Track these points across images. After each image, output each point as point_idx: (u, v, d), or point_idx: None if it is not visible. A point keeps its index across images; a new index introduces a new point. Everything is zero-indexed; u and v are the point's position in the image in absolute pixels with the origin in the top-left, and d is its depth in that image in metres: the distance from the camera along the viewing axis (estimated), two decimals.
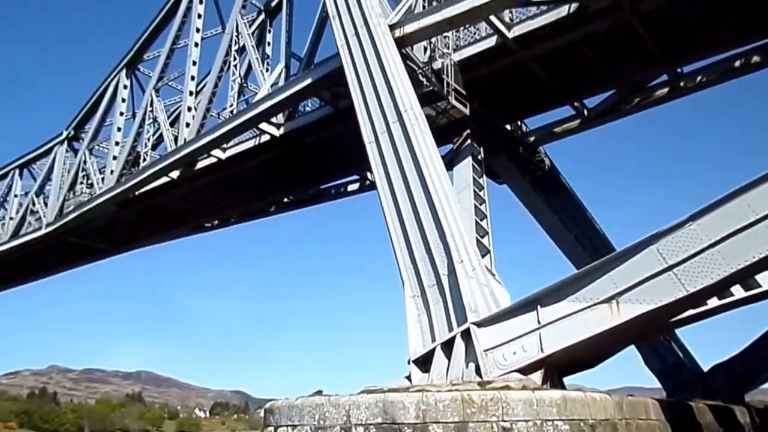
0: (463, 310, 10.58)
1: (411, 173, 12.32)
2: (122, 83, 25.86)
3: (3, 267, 35.01)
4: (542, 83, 16.85)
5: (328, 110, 18.99)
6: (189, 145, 20.65)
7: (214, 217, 28.27)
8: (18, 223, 30.51)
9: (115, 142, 25.43)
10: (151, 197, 24.99)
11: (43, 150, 30.54)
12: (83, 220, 26.57)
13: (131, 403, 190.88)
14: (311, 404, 8.68)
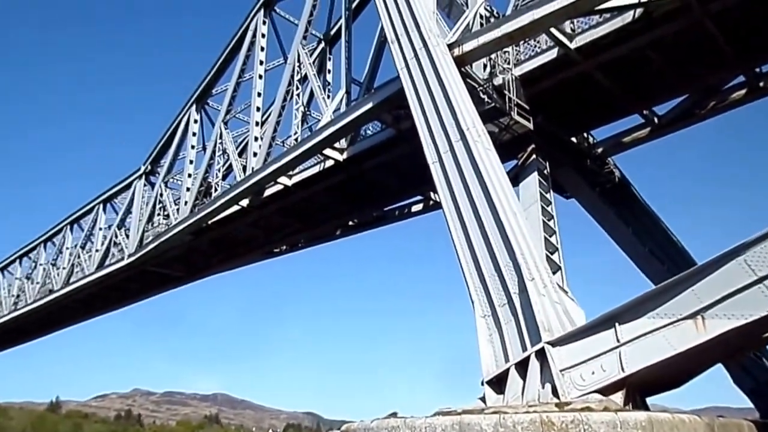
0: (537, 329, 10.25)
1: (476, 191, 12.15)
2: (193, 118, 27.04)
3: (91, 296, 37.01)
4: (608, 92, 16.35)
5: (389, 133, 19.13)
6: (257, 174, 21.24)
7: (282, 243, 28.82)
8: (103, 254, 32.21)
9: (187, 175, 26.52)
10: (222, 225, 25.83)
11: (123, 185, 32.25)
12: (161, 250, 27.75)
13: (209, 425, 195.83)
14: (387, 427, 8.59)
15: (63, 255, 37.93)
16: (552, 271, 12.50)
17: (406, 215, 24.81)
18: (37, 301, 39.61)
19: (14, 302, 43.94)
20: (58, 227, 39.04)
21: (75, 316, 43.55)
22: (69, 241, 37.62)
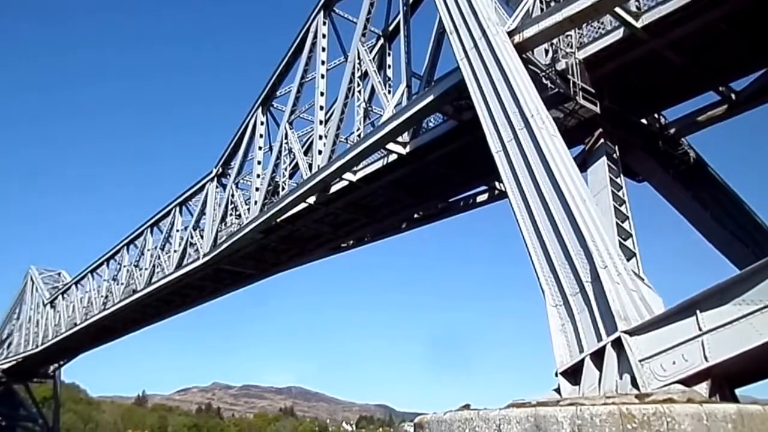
0: (612, 318, 9.90)
1: (543, 179, 11.85)
2: (259, 120, 27.75)
3: (170, 295, 38.76)
4: (680, 70, 15.53)
5: (451, 124, 18.95)
6: (322, 172, 21.57)
7: (349, 237, 29.14)
8: (180, 254, 33.63)
9: (256, 175, 27.27)
10: (291, 223, 26.38)
11: (197, 187, 33.49)
12: (234, 249, 28.67)
13: (284, 418, 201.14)
14: (460, 419, 8.52)
15: (144, 256, 39.89)
16: (626, 257, 12.01)
17: (472, 206, 24.55)
18: (123, 301, 41.80)
19: (103, 302, 46.56)
20: (139, 230, 41.07)
21: (157, 314, 45.73)
22: (149, 243, 39.49)
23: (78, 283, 56.10)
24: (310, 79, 24.30)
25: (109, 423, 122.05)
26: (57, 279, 72.98)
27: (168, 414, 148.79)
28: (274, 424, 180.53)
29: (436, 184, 23.01)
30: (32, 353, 66.23)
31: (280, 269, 33.11)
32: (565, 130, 13.77)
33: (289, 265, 32.44)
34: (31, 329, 68.74)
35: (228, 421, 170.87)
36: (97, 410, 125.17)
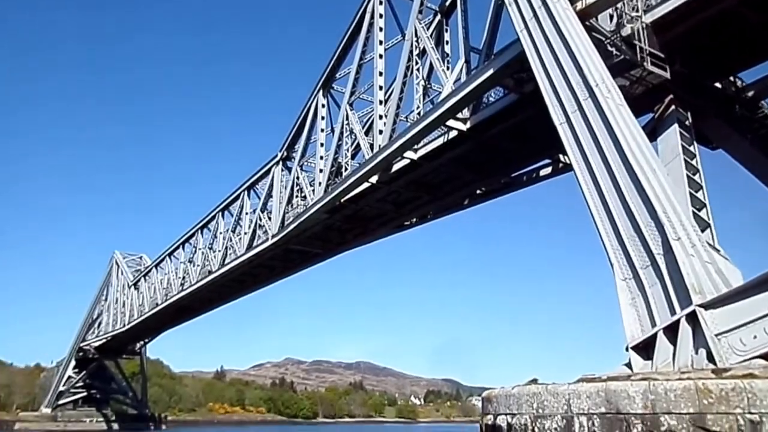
0: (686, 292, 9.47)
1: (609, 149, 11.39)
2: (320, 103, 28.01)
3: (243, 275, 40.09)
4: (758, 28, 14.46)
5: (512, 98, 18.49)
6: (383, 151, 21.58)
7: (412, 215, 29.15)
8: (251, 236, 34.73)
9: (319, 157, 27.64)
10: (354, 202, 26.63)
11: (263, 171, 34.33)
12: (301, 229, 29.29)
13: (354, 392, 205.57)
14: (528, 393, 8.42)
15: (217, 239, 41.45)
16: (700, 228, 11.44)
17: (535, 180, 23.97)
18: (199, 282, 43.70)
19: (181, 283, 48.82)
20: (211, 214, 42.69)
21: (231, 293, 47.50)
22: (221, 226, 40.97)
23: (158, 265, 59.01)
24: (369, 59, 24.25)
25: (191, 396, 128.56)
26: (139, 262, 77.02)
27: (245, 388, 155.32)
28: (345, 398, 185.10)
29: (497, 159, 22.59)
30: (120, 332, 70.45)
31: (345, 248, 33.59)
32: (633, 99, 13.16)
33: (354, 243, 32.84)
34: (118, 309, 73.05)
35: (301, 394, 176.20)
36: (180, 384, 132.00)
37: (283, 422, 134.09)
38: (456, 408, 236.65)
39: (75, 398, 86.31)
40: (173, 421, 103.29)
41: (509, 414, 8.74)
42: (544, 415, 8.08)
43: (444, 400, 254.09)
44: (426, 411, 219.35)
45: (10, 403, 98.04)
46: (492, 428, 9.15)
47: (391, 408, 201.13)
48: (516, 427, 8.51)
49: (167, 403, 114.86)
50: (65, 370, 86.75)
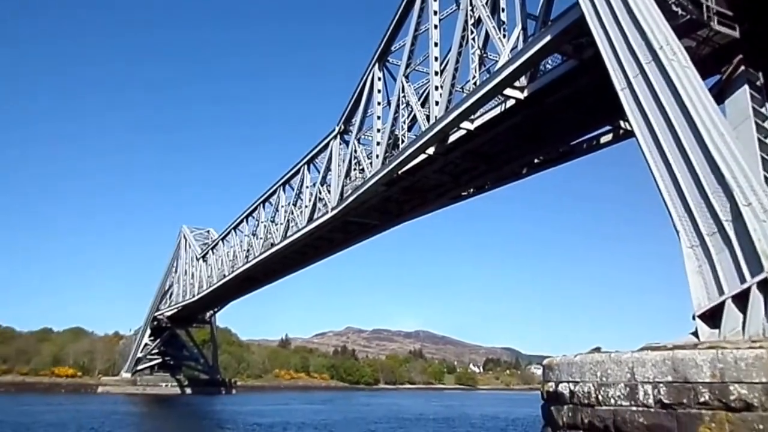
0: (757, 259, 9.14)
1: (674, 113, 10.98)
2: (376, 76, 28.00)
3: (304, 247, 41.08)
4: None
5: (571, 64, 17.96)
6: (440, 122, 21.48)
7: (469, 186, 28.96)
8: (311, 209, 35.47)
9: (376, 130, 27.76)
10: (412, 174, 26.70)
11: (322, 145, 34.81)
12: (359, 201, 29.68)
13: (414, 359, 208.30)
14: (591, 361, 8.42)
15: (279, 213, 42.57)
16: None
17: (595, 147, 23.28)
18: (263, 254, 45.13)
19: (246, 255, 50.56)
20: (273, 189, 43.75)
21: (293, 264, 48.83)
22: (283, 199, 42.02)
23: (224, 239, 61.17)
24: (424, 30, 24.01)
25: (258, 363, 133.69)
26: (206, 236, 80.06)
27: (308, 355, 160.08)
28: (405, 365, 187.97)
29: (556, 127, 22.09)
30: (190, 302, 73.81)
31: (403, 219, 33.82)
32: (698, 60, 12.56)
33: (412, 215, 33.00)
34: (188, 281, 76.42)
35: (362, 362, 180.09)
36: (248, 351, 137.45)
37: (346, 388, 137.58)
38: (515, 376, 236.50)
39: (151, 364, 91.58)
40: (242, 386, 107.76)
41: (571, 382, 8.77)
42: (607, 383, 8.08)
43: (503, 368, 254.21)
44: (485, 379, 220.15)
45: (92, 368, 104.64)
46: (554, 395, 9.21)
47: (450, 375, 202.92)
48: (578, 394, 8.54)
49: (236, 370, 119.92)
50: (142, 337, 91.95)
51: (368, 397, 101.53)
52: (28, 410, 46.16)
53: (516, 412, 62.75)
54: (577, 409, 8.46)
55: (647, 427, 7.54)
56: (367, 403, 77.12)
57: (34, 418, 38.13)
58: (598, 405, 8.07)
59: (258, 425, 36.78)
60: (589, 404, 8.23)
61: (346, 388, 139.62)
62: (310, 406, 63.14)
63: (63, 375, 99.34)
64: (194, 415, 50.78)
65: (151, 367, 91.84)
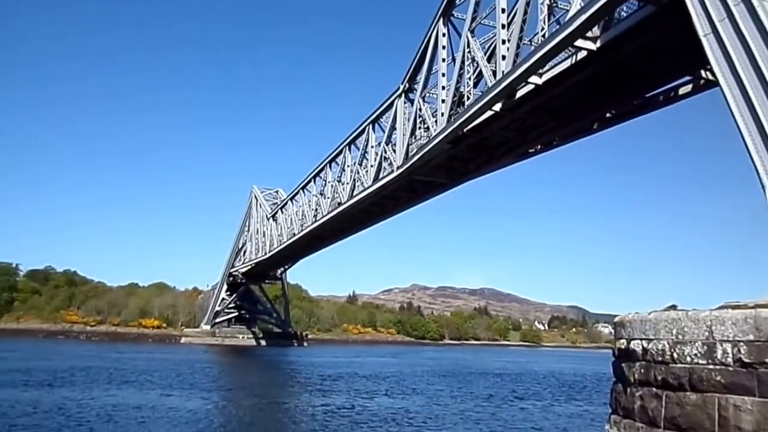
0: None
1: (765, 60, 10.19)
2: (440, 32, 27.33)
3: (370, 206, 41.46)
4: None
5: (648, 10, 16.85)
6: (507, 77, 20.83)
7: (536, 142, 28.13)
8: (376, 169, 35.61)
9: (441, 87, 27.28)
10: (477, 132, 26.21)
11: (386, 105, 34.62)
12: (424, 160, 29.51)
13: (479, 316, 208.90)
14: (667, 319, 8.18)
15: (345, 172, 43.00)
16: None
17: (673, 99, 21.97)
18: (330, 213, 45.97)
19: (314, 215, 51.69)
20: (339, 149, 44.13)
21: (359, 223, 49.51)
22: (349, 160, 42.34)
23: (293, 198, 62.67)
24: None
25: (328, 317, 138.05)
26: (275, 196, 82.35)
27: (375, 311, 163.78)
28: (470, 322, 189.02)
29: (630, 79, 20.97)
30: (262, 259, 76.61)
31: (469, 177, 33.40)
32: None
33: (478, 173, 32.50)
34: (260, 239, 79.19)
35: (427, 318, 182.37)
36: (317, 307, 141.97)
37: (412, 343, 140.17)
38: (581, 334, 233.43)
39: (228, 317, 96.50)
40: (312, 339, 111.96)
41: (644, 339, 8.57)
42: (683, 341, 7.83)
43: (569, 326, 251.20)
44: (550, 336, 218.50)
45: (175, 320, 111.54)
46: (625, 352, 9.04)
47: (515, 332, 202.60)
48: (651, 351, 8.35)
49: (307, 324, 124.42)
50: (219, 292, 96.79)
51: (434, 351, 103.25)
52: (121, 358, 49.93)
53: (584, 369, 62.26)
54: (650, 366, 8.29)
55: (725, 386, 7.30)
56: (434, 357, 78.52)
57: (129, 365, 41.22)
58: (673, 363, 7.87)
59: (330, 376, 38.27)
60: (663, 361, 8.04)
61: (412, 343, 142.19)
62: (379, 359, 64.94)
63: (150, 326, 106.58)
64: (270, 364, 53.36)
65: (228, 320, 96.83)
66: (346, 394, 27.19)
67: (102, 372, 34.22)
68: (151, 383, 29.13)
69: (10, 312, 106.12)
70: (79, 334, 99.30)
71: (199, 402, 22.73)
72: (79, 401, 21.43)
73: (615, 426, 8.85)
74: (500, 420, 21.28)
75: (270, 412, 21.17)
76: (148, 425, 16.76)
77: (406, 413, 21.83)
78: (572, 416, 23.34)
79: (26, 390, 24.36)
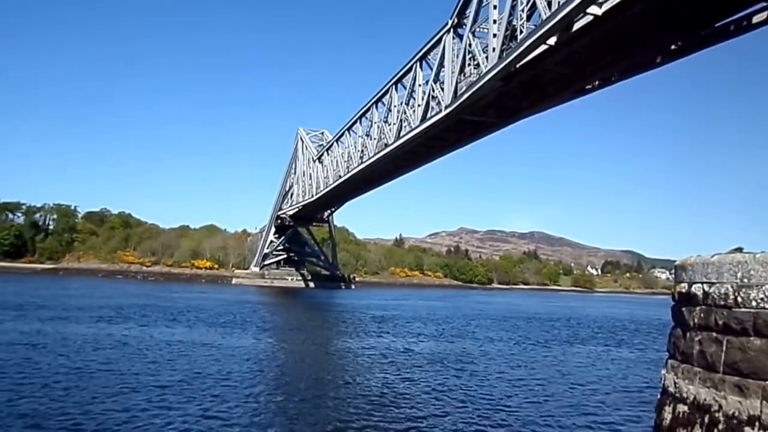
0: None
1: None
2: None
3: (417, 147, 41.17)
4: None
5: None
6: (564, 8, 19.84)
7: (594, 78, 26.95)
8: (424, 108, 35.09)
9: (492, 21, 26.25)
10: (531, 68, 25.30)
11: (434, 41, 33.70)
12: (474, 98, 28.85)
13: (528, 260, 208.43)
14: (732, 261, 7.92)
15: (392, 112, 42.57)
16: None
17: (745, 28, 20.49)
18: (376, 155, 45.92)
19: (360, 156, 51.76)
20: (385, 88, 43.51)
21: (406, 164, 49.42)
22: (395, 99, 41.79)
23: (338, 140, 62.77)
24: None
25: (375, 260, 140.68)
26: (321, 137, 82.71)
27: (422, 254, 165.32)
28: (519, 266, 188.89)
29: (698, 7, 19.64)
30: (309, 202, 77.90)
31: (520, 117, 32.53)
32: None
33: (530, 111, 31.57)
34: (306, 182, 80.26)
35: (475, 261, 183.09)
36: (364, 250, 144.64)
37: (460, 287, 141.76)
38: (636, 279, 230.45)
39: (277, 260, 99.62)
40: (360, 281, 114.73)
41: (706, 282, 8.36)
42: (749, 284, 7.59)
43: (623, 272, 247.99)
44: (603, 281, 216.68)
45: (226, 262, 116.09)
46: (686, 296, 8.87)
47: (566, 277, 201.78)
48: (713, 295, 8.16)
49: (354, 266, 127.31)
50: (267, 235, 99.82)
51: (483, 295, 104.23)
52: (178, 297, 52.53)
53: (639, 314, 61.71)
54: (710, 311, 8.11)
55: None
56: (483, 301, 79.29)
57: (184, 304, 43.37)
58: (736, 307, 7.67)
59: (378, 317, 39.28)
60: (725, 306, 7.84)
61: (460, 286, 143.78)
62: (427, 302, 66.09)
63: (202, 267, 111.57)
64: (318, 305, 55.12)
65: (277, 262, 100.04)
66: (394, 336, 27.92)
67: (160, 311, 36.13)
68: (207, 322, 30.64)
69: (72, 252, 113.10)
70: (137, 274, 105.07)
71: (251, 341, 23.81)
72: (142, 338, 22.81)
73: (672, 371, 8.79)
74: (556, 363, 21.49)
75: (319, 353, 22.01)
76: (202, 363, 17.72)
77: (460, 355, 22.28)
78: (629, 360, 23.36)
79: (94, 325, 26.01)
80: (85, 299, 43.02)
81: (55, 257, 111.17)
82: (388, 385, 15.39)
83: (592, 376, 18.84)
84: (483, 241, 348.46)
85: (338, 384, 15.38)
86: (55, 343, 20.04)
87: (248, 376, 15.86)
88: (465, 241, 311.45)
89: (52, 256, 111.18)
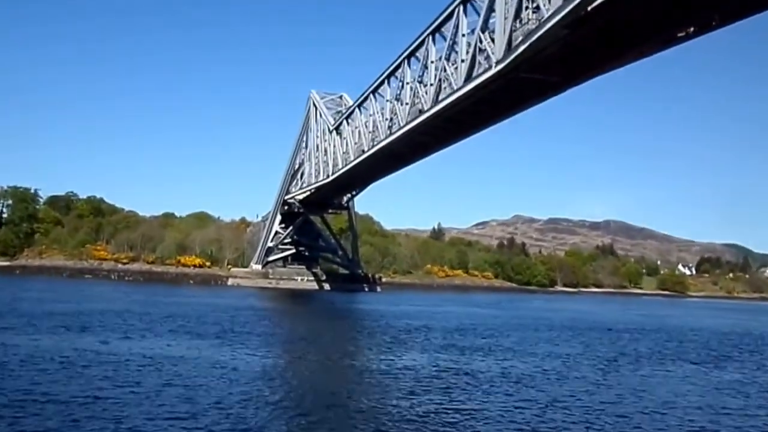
0: None
1: None
2: None
3: (460, 113, 40.83)
4: None
5: None
6: None
7: (688, 24, 26.48)
8: (469, 64, 34.82)
9: None
10: (605, 11, 24.86)
11: None
12: (533, 51, 28.53)
13: (602, 256, 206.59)
14: None
15: (428, 70, 42.26)
16: None
17: None
18: (409, 123, 45.71)
19: (388, 126, 51.56)
20: (420, 39, 43.06)
21: (447, 136, 49.11)
22: (432, 53, 41.48)
23: (361, 105, 62.49)
24: None
25: (406, 256, 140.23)
26: (339, 103, 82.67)
27: (467, 249, 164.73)
28: (591, 264, 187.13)
29: None
30: (324, 183, 77.93)
31: (591, 74, 32.15)
32: None
33: (604, 67, 31.18)
34: (320, 158, 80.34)
35: (534, 258, 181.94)
36: (393, 243, 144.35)
37: (514, 290, 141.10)
38: (741, 281, 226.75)
39: (284, 255, 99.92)
40: (387, 283, 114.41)
41: None
42: None
43: (725, 271, 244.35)
44: (699, 283, 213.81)
45: (221, 258, 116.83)
46: None
47: (650, 278, 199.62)
48: None
49: (380, 264, 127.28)
50: (272, 224, 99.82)
51: (543, 301, 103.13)
52: (159, 302, 53.23)
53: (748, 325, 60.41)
54: None
55: None
56: (545, 308, 78.53)
57: (168, 310, 43.90)
58: None
59: (410, 328, 39.35)
60: None
61: (514, 289, 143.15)
62: (472, 309, 65.96)
63: (190, 265, 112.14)
64: (335, 313, 55.54)
65: (284, 258, 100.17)
66: (427, 354, 27.96)
67: (138, 318, 36.74)
68: (197, 334, 31.16)
69: (31, 246, 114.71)
70: (110, 273, 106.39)
71: (250, 359, 24.12)
72: (113, 353, 23.23)
73: None
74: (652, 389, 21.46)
75: (336, 376, 22.21)
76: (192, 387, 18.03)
77: (522, 376, 22.29)
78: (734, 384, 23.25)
79: (40, 338, 26.60)
80: (46, 304, 43.92)
81: (10, 252, 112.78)
82: (429, 420, 15.46)
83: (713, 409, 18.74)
84: (543, 233, 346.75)
85: (363, 415, 15.52)
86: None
87: (249, 403, 16.12)
88: (521, 232, 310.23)
89: (7, 251, 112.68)
